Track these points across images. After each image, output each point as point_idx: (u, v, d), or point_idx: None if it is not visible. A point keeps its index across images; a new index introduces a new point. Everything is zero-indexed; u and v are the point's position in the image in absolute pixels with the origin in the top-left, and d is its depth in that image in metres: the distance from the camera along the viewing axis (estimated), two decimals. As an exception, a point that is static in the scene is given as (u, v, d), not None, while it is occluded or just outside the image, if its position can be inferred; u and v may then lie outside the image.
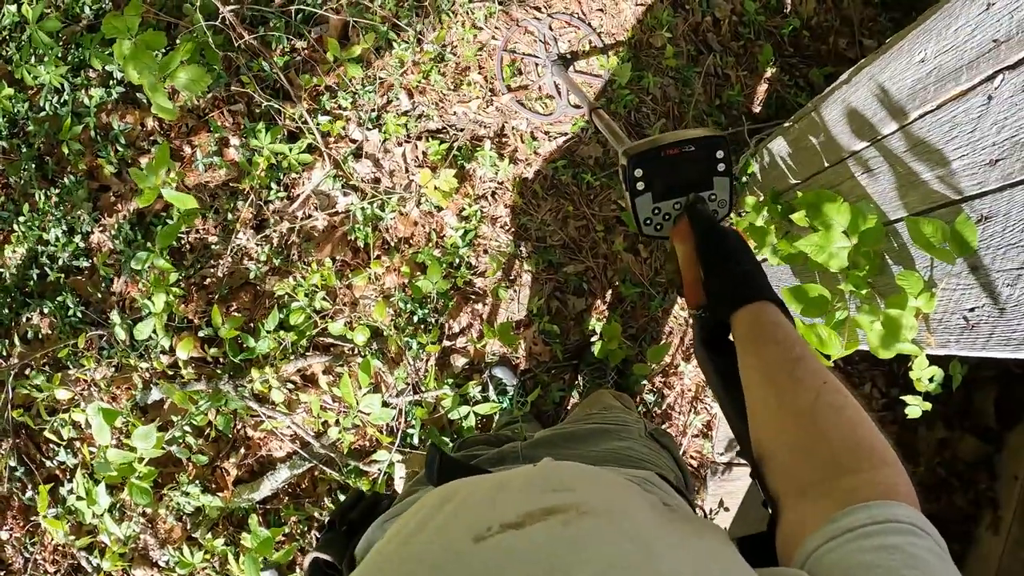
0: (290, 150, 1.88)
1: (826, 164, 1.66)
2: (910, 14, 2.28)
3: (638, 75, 2.04)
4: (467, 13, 2.00)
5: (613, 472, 0.66)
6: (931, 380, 1.37)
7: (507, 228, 1.99)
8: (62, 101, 2.08)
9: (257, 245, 1.98)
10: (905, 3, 2.29)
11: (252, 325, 1.97)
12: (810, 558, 0.47)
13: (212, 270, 2.02)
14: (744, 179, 2.02)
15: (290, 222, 1.98)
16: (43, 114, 2.11)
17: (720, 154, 0.79)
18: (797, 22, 2.16)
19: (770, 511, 0.56)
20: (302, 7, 1.97)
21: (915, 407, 1.36)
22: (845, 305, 1.33)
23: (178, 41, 1.88)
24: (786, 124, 1.87)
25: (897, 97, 1.30)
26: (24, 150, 2.12)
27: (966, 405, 2.17)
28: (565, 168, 1.99)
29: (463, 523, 0.47)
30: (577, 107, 2.00)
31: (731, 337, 0.70)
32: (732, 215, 1.98)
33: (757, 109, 2.13)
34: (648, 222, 0.81)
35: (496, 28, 2.00)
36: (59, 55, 2.07)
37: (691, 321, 0.80)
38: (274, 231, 1.98)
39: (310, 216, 1.98)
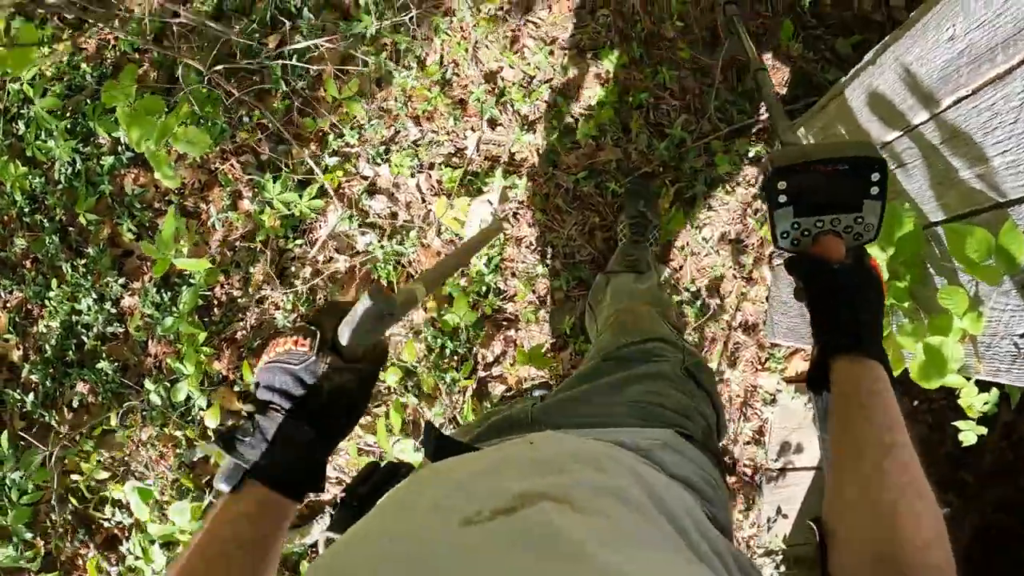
0: (300, 197, 1.84)
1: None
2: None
3: (652, 70, 1.94)
4: (465, 28, 1.93)
5: (620, 452, 0.61)
6: (985, 403, 1.22)
7: (533, 248, 1.92)
8: (75, 172, 2.08)
9: (282, 294, 1.95)
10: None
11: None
12: None
13: (241, 323, 2.00)
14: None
15: (312, 267, 1.95)
16: (60, 187, 2.12)
17: (876, 177, 0.73)
18: (818, -10, 2.02)
19: None
20: (296, 46, 1.92)
21: (969, 432, 1.21)
22: (887, 320, 1.22)
23: (176, 101, 1.85)
24: (814, 109, 1.74)
25: (927, 81, 1.17)
26: (46, 224, 2.14)
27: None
28: (587, 179, 1.90)
29: (453, 504, 0.45)
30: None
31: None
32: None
33: (783, 91, 2.00)
34: (785, 235, 0.76)
35: (491, 43, 1.92)
36: (67, 127, 2.07)
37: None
38: (297, 278, 1.95)
39: (332, 259, 1.94)
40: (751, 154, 1.92)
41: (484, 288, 1.88)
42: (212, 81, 1.97)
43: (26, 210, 2.17)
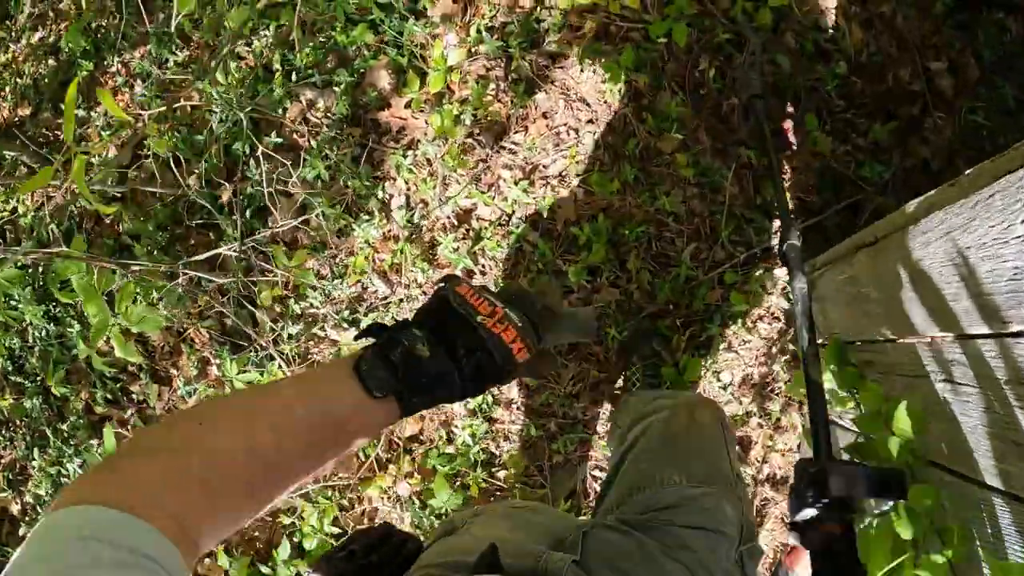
0: (263, 375, 1.67)
1: (890, 335, 1.22)
2: (980, 10, 1.72)
3: (650, 194, 1.66)
4: (432, 162, 1.70)
5: None
6: None
7: (525, 409, 1.69)
8: (48, 335, 1.99)
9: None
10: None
11: (265, 553, 1.80)
12: None
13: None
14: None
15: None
16: (36, 348, 2.03)
17: (891, 500, 0.91)
18: (843, 67, 1.69)
19: None
20: (254, 191, 1.75)
21: None
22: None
23: (125, 280, 1.71)
24: (840, 248, 1.43)
25: (989, 285, 0.83)
26: (28, 386, 2.06)
27: None
28: (580, 327, 1.66)
29: None
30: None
31: None
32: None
33: (809, 196, 1.70)
34: (795, 525, 0.92)
35: (461, 176, 1.69)
36: (36, 289, 1.98)
37: None
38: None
39: (307, 427, 1.78)
40: (774, 282, 1.63)
41: (472, 461, 1.67)
42: (168, 240, 1.83)
43: (9, 368, 2.10)
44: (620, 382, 1.69)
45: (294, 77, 1.74)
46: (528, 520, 0.90)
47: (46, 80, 2.26)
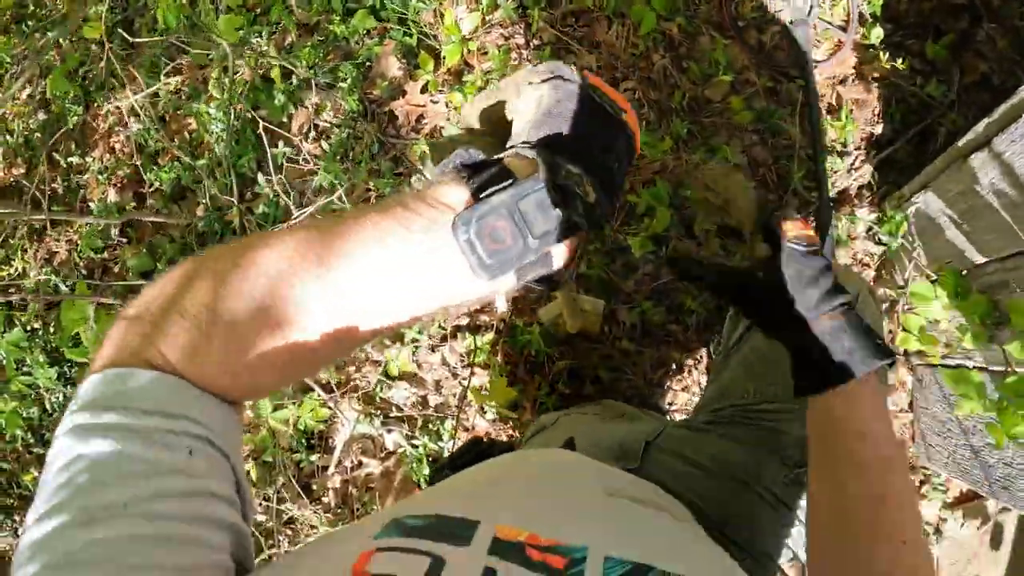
0: (300, 409, 1.50)
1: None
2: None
3: (706, 148, 1.48)
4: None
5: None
6: None
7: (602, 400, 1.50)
8: (64, 401, 1.84)
9: (313, 511, 1.62)
10: None
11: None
12: None
13: (273, 550, 1.68)
14: (894, 244, 1.42)
15: (342, 475, 1.60)
16: (54, 416, 1.88)
17: None
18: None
19: None
20: (267, 208, 1.59)
21: None
22: None
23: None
24: (931, 167, 1.24)
25: None
26: (52, 459, 1.90)
27: None
28: (656, 306, 1.47)
29: (598, 478, 0.57)
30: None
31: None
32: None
33: (878, 129, 1.51)
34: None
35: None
36: (47, 354, 1.83)
37: None
38: (325, 491, 1.61)
39: (361, 463, 1.59)
40: (858, 224, 1.44)
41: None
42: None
43: (31, 441, 1.94)
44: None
45: (295, 80, 1.59)
46: (603, 433, 0.92)
47: (37, 135, 2.13)
